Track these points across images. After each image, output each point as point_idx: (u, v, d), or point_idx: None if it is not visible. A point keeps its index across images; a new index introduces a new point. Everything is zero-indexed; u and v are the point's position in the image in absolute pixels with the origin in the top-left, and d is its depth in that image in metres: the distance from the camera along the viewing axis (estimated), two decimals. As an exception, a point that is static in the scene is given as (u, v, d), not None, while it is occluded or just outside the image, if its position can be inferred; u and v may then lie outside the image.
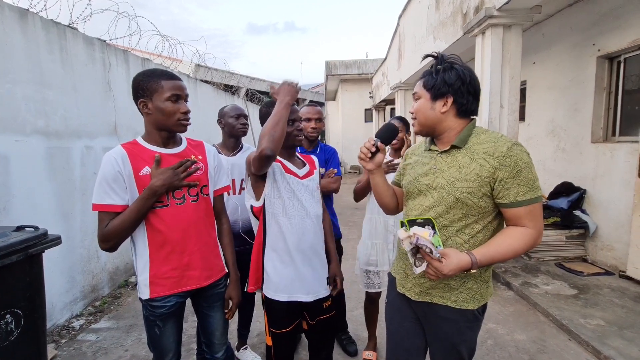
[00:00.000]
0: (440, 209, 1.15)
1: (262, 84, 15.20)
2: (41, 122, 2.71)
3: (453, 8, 4.68)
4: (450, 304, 1.17)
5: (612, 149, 3.59)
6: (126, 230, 1.23)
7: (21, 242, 1.77)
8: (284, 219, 1.45)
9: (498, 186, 1.08)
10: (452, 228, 1.14)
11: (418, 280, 1.21)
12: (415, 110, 1.22)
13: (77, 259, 3.03)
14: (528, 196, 1.06)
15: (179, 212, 1.30)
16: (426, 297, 1.21)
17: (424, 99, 1.19)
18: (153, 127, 1.31)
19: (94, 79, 3.33)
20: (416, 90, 1.22)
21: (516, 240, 1.08)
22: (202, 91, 6.06)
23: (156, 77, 1.27)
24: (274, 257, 1.48)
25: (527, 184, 1.06)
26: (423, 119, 1.20)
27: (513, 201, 1.07)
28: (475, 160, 1.11)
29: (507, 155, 1.06)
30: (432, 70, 1.19)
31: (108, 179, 1.22)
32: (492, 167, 1.07)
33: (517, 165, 1.06)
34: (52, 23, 2.87)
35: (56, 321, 2.78)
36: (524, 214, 1.08)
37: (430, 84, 1.17)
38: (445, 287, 1.17)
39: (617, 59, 3.67)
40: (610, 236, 3.63)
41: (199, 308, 1.45)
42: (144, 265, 1.29)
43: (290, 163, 1.54)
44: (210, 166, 1.44)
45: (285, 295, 1.46)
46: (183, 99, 1.31)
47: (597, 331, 2.47)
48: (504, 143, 1.09)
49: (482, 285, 1.19)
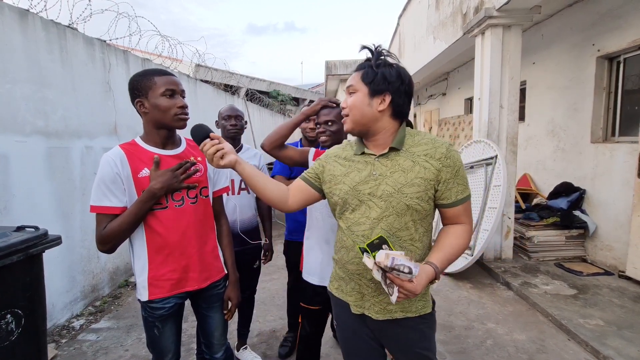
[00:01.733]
0: (392, 218, 1.06)
1: (262, 84, 15.20)
2: (41, 122, 2.72)
3: (453, 8, 4.68)
4: (411, 314, 1.13)
5: (611, 149, 3.59)
6: (124, 233, 1.23)
7: (21, 242, 1.77)
8: (317, 213, 1.62)
9: (442, 187, 1.07)
10: (405, 237, 1.08)
11: (376, 299, 1.13)
12: (350, 105, 1.09)
13: (77, 258, 3.04)
14: (464, 194, 1.09)
15: (177, 215, 1.29)
16: (387, 314, 1.13)
17: (361, 93, 1.08)
18: (152, 127, 1.30)
19: (94, 79, 3.33)
20: (352, 82, 1.10)
21: (462, 238, 1.09)
22: (202, 91, 6.06)
23: (149, 74, 1.26)
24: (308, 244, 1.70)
25: (463, 183, 1.09)
26: (359, 116, 1.09)
27: (454, 200, 1.08)
28: (418, 163, 1.06)
29: (447, 157, 1.06)
30: (372, 63, 1.09)
31: (106, 180, 1.21)
32: (436, 169, 1.05)
33: (456, 165, 1.07)
34: (52, 23, 2.87)
35: (56, 321, 2.78)
36: (462, 212, 1.10)
37: (370, 78, 1.07)
38: (404, 302, 1.11)
39: (617, 59, 3.67)
40: (609, 236, 3.63)
41: (198, 309, 1.45)
42: (142, 267, 1.29)
43: None
44: (210, 167, 1.44)
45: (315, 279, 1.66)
46: (179, 94, 1.29)
47: (596, 331, 2.47)
48: (442, 144, 1.08)
49: (427, 289, 1.15)
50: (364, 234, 1.09)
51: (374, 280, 1.10)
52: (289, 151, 1.62)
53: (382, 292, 1.11)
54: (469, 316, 2.87)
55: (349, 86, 1.12)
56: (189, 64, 6.93)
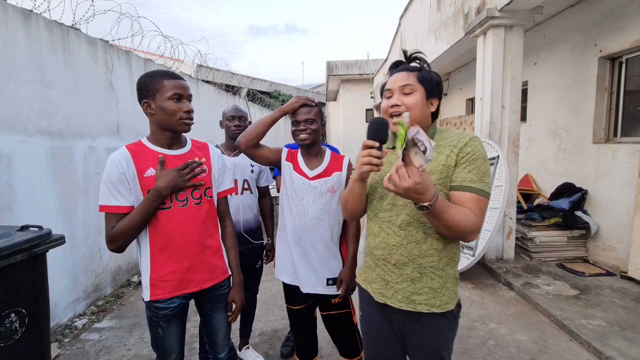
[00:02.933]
0: None
1: (263, 84, 15.22)
2: (44, 122, 2.73)
3: (454, 9, 4.68)
4: (435, 309, 1.12)
5: (613, 150, 3.59)
6: (132, 232, 1.24)
7: (25, 242, 1.78)
8: (288, 212, 1.63)
9: (454, 170, 1.08)
10: (429, 224, 1.10)
11: (400, 286, 1.15)
12: (411, 104, 1.10)
13: (79, 258, 3.05)
14: (474, 185, 1.05)
15: (181, 215, 1.30)
16: (410, 304, 1.14)
17: (419, 93, 1.12)
18: (157, 128, 1.32)
19: (97, 79, 3.34)
20: (409, 82, 1.11)
21: (464, 214, 1.01)
22: (203, 91, 6.07)
23: (158, 77, 1.28)
24: (280, 242, 1.74)
25: (477, 174, 1.06)
26: (418, 115, 1.11)
27: (459, 184, 1.06)
28: (442, 153, 1.12)
29: (468, 144, 1.09)
30: (423, 65, 1.15)
31: (113, 180, 1.23)
32: (455, 154, 1.09)
33: (474, 154, 1.08)
34: (56, 24, 2.89)
35: (59, 320, 2.79)
36: (470, 200, 1.04)
37: (427, 81, 1.12)
38: (429, 292, 1.13)
39: (619, 60, 3.67)
40: (611, 237, 3.63)
41: (203, 309, 1.46)
42: (146, 267, 1.30)
43: (305, 162, 1.63)
44: (214, 168, 1.44)
45: (287, 277, 1.70)
46: (185, 99, 1.31)
47: (599, 332, 2.47)
48: (467, 136, 1.13)
49: (455, 283, 1.17)
50: (390, 220, 1.16)
51: (398, 265, 1.14)
52: (264, 150, 1.60)
53: (406, 280, 1.14)
54: (471, 316, 2.87)
55: (405, 85, 1.11)
56: (191, 64, 6.96)
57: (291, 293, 1.73)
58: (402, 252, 1.13)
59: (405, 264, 1.13)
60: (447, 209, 0.98)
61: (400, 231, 1.14)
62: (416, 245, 1.12)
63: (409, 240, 1.13)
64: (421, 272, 1.13)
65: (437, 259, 1.12)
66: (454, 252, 1.16)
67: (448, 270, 1.14)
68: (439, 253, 1.12)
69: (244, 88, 9.91)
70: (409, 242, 1.13)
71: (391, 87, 1.15)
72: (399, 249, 1.14)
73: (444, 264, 1.13)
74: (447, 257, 1.14)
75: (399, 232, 1.14)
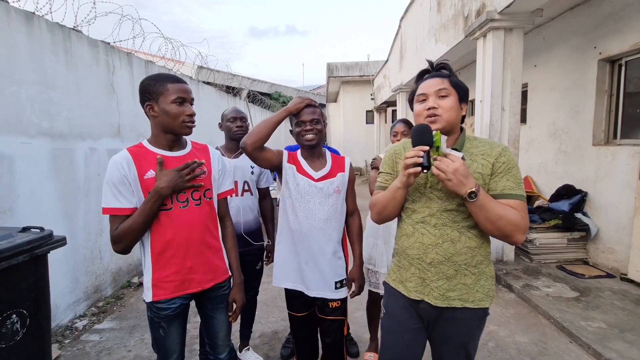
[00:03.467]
0: (450, 207, 1.17)
1: (264, 86, 15.26)
2: (46, 124, 2.74)
3: (454, 11, 4.70)
4: (469, 304, 1.18)
5: (613, 152, 3.59)
6: (136, 233, 1.25)
7: (27, 243, 1.79)
8: (292, 216, 1.59)
9: (492, 179, 1.16)
10: (465, 225, 1.17)
11: (436, 284, 1.19)
12: (448, 106, 1.16)
13: (80, 259, 3.05)
14: (514, 191, 1.13)
15: (182, 216, 1.32)
16: (445, 301, 1.19)
17: (454, 97, 1.18)
18: (159, 130, 1.33)
19: (98, 80, 3.35)
20: (444, 86, 1.17)
21: (508, 209, 1.09)
22: (204, 93, 6.09)
23: (162, 80, 1.30)
24: (281, 248, 1.67)
25: (515, 182, 1.15)
26: (453, 118, 1.17)
27: (500, 192, 1.13)
28: (475, 161, 1.18)
29: (502, 155, 1.18)
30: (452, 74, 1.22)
31: (115, 182, 1.25)
32: (491, 164, 1.16)
33: (509, 162, 1.16)
34: (57, 26, 2.90)
35: (60, 321, 2.79)
36: (513, 205, 1.11)
37: (459, 85, 1.19)
38: (463, 288, 1.18)
39: (619, 62, 3.68)
40: (611, 239, 3.63)
41: (203, 309, 1.47)
42: (148, 268, 1.31)
43: (308, 163, 1.62)
44: (214, 170, 1.46)
45: (289, 283, 1.64)
46: (188, 102, 1.34)
47: (598, 334, 2.47)
48: (498, 145, 1.21)
49: (491, 282, 1.23)
50: (424, 220, 1.20)
51: (434, 264, 1.19)
52: (268, 153, 1.56)
53: (442, 278, 1.18)
54: (471, 318, 2.86)
55: (440, 89, 1.18)
56: (192, 66, 6.97)
57: (294, 298, 1.69)
58: (438, 250, 1.18)
59: (440, 262, 1.18)
60: (491, 200, 1.07)
61: (436, 231, 1.19)
62: (451, 244, 1.17)
63: (444, 239, 1.18)
64: (456, 269, 1.18)
65: (470, 257, 1.18)
66: (488, 251, 1.22)
67: (482, 268, 1.20)
68: (472, 251, 1.18)
69: (245, 89, 9.93)
70: (444, 242, 1.18)
71: (426, 92, 1.20)
72: (434, 248, 1.18)
73: (477, 261, 1.18)
74: (481, 254, 1.19)
75: (434, 231, 1.19)
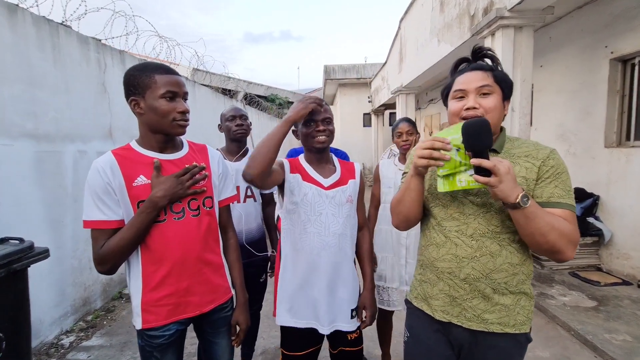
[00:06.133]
0: (490, 215, 1.00)
1: (260, 88, 15.10)
2: (30, 125, 2.54)
3: (459, 10, 4.58)
4: (509, 329, 1.01)
5: (627, 154, 3.47)
6: (125, 250, 1.06)
7: (4, 257, 1.60)
8: (301, 234, 1.34)
9: (537, 185, 0.99)
10: (504, 236, 1.00)
11: (470, 303, 1.02)
12: (491, 107, 0.99)
13: (67, 270, 2.84)
14: (563, 200, 0.96)
15: (177, 229, 1.12)
16: (481, 324, 1.01)
17: (497, 95, 1.01)
18: (147, 130, 1.14)
19: (88, 79, 3.16)
20: (487, 82, 1.00)
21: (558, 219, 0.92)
22: (200, 93, 5.90)
23: (149, 71, 1.09)
24: (285, 277, 1.39)
25: (564, 188, 0.97)
26: (496, 118, 1.00)
27: (546, 201, 0.96)
28: (518, 163, 1.01)
29: (551, 157, 1.00)
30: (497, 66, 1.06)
31: (97, 191, 1.05)
32: (537, 167, 0.99)
33: (558, 167, 0.99)
34: (44, 20, 2.71)
35: (44, 338, 2.58)
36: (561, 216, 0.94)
37: (504, 81, 1.02)
38: (502, 309, 1.00)
39: (631, 61, 3.57)
40: (626, 244, 3.50)
41: (203, 334, 1.28)
42: (137, 290, 1.12)
43: (315, 169, 1.40)
44: (215, 174, 1.27)
45: (301, 321, 1.35)
46: (181, 97, 1.13)
47: (625, 347, 2.32)
48: (545, 148, 1.03)
49: (531, 302, 1.05)
50: (459, 229, 1.03)
51: (468, 280, 1.01)
52: (275, 174, 1.29)
53: (477, 296, 1.01)
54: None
55: (483, 85, 1.00)
56: (187, 68, 6.80)
57: (297, 338, 1.38)
58: (475, 265, 1.01)
59: (477, 279, 1.01)
60: (540, 209, 0.90)
61: (472, 242, 1.01)
62: (490, 259, 1.00)
63: (482, 252, 1.00)
64: (494, 287, 1.01)
65: (511, 275, 1.00)
66: (530, 270, 1.05)
67: (522, 288, 1.02)
68: (514, 268, 1.00)
69: (241, 92, 9.76)
70: (482, 255, 1.00)
71: (465, 88, 1.02)
72: (470, 262, 1.01)
73: (518, 281, 1.01)
74: (523, 273, 1.02)
75: (470, 242, 1.01)
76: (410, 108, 8.02)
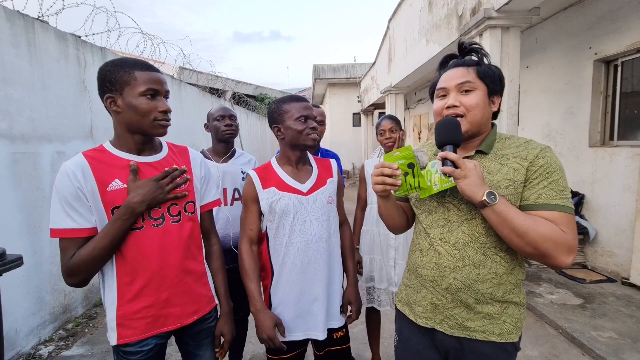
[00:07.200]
0: (474, 222, 0.96)
1: (249, 88, 14.95)
2: (3, 124, 2.42)
3: (447, 10, 4.59)
4: (494, 338, 0.97)
5: (611, 153, 3.53)
6: (98, 261, 0.99)
7: (-29, 266, 1.50)
8: (288, 247, 1.30)
9: (525, 186, 0.93)
10: (489, 244, 0.95)
11: (452, 312, 0.99)
12: (472, 104, 0.94)
13: (45, 276, 2.72)
14: (552, 201, 0.89)
15: (156, 236, 1.05)
16: (464, 331, 0.99)
17: (480, 91, 0.95)
18: (124, 130, 1.06)
19: (67, 77, 3.04)
20: (468, 79, 0.95)
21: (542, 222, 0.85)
22: (186, 93, 5.77)
23: (128, 67, 1.02)
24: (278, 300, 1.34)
25: (555, 189, 0.90)
26: (479, 117, 0.95)
27: (533, 202, 0.90)
28: (506, 165, 0.95)
29: (540, 157, 0.93)
30: (483, 59, 1.00)
31: (67, 196, 0.97)
32: (525, 169, 0.93)
33: (549, 166, 0.92)
34: (18, 14, 2.58)
35: (20, 349, 2.46)
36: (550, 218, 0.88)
37: (489, 76, 0.97)
38: (486, 317, 0.97)
39: (614, 63, 3.63)
40: (610, 242, 3.56)
41: (185, 347, 1.21)
42: (112, 303, 1.04)
43: (291, 174, 1.34)
44: (196, 177, 1.20)
45: (297, 334, 1.33)
46: (162, 95, 1.06)
47: (611, 345, 2.35)
48: (537, 146, 0.96)
49: (521, 310, 1.01)
50: (442, 237, 1.00)
51: (450, 290, 0.99)
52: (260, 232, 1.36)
53: (460, 306, 0.99)
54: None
55: (463, 82, 0.96)
56: (173, 66, 6.64)
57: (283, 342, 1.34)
58: (457, 275, 0.97)
59: (459, 289, 0.97)
60: (513, 208, 0.87)
61: (455, 251, 0.97)
62: (473, 269, 0.96)
63: (465, 262, 0.96)
64: (477, 298, 0.97)
65: (496, 285, 0.96)
66: (520, 279, 1.00)
67: (510, 297, 0.98)
68: (499, 278, 0.96)
69: (229, 91, 9.62)
70: (464, 265, 0.96)
71: (446, 86, 0.99)
72: (452, 272, 0.98)
73: (504, 290, 0.97)
74: (510, 282, 0.97)
75: (453, 252, 0.98)
76: (399, 108, 8.04)
